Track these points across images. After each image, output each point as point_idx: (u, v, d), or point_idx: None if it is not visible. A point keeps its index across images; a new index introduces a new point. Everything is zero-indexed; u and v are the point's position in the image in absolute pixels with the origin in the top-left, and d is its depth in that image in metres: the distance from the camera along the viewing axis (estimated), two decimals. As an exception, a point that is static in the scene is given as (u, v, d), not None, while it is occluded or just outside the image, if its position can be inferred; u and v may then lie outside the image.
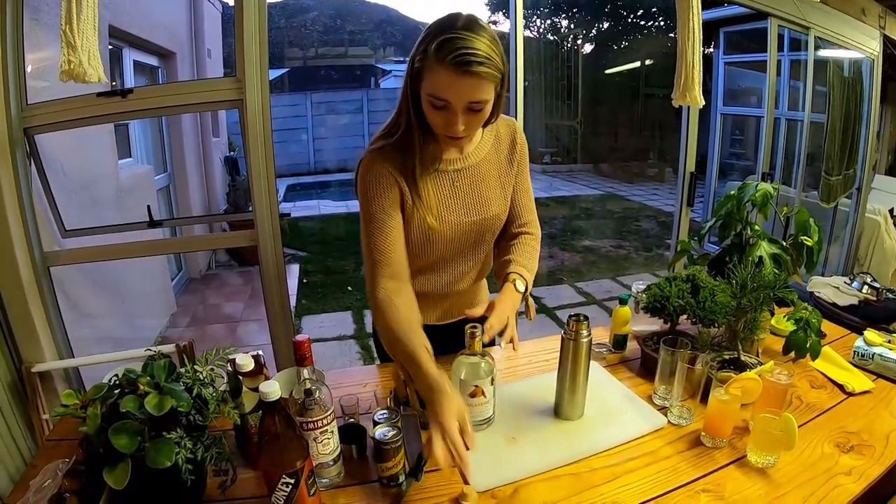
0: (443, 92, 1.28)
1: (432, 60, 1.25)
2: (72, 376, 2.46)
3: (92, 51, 1.84)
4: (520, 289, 1.55)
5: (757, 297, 1.51)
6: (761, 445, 1.31)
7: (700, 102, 2.90)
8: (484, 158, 1.59)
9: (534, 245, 1.70)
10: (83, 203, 3.32)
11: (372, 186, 1.46)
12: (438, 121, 1.35)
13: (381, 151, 1.48)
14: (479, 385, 1.38)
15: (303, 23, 16.76)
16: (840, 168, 4.81)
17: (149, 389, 1.06)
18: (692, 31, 2.80)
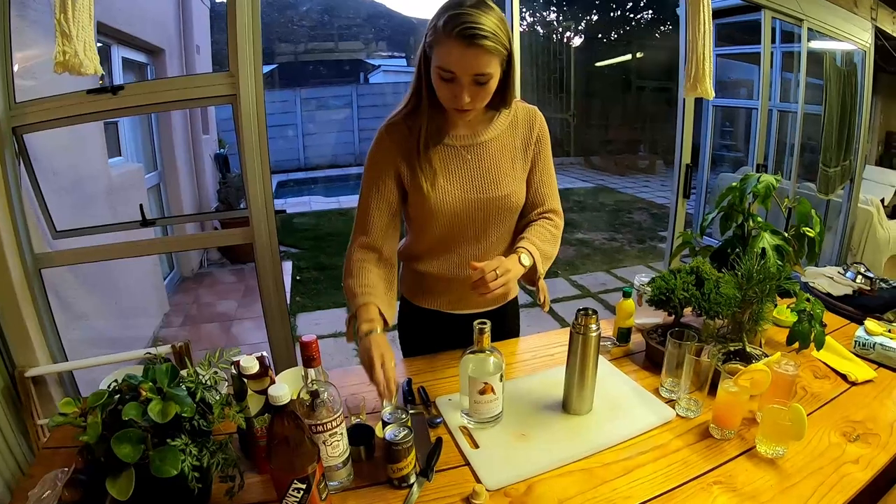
0: (449, 64, 1.35)
1: (440, 34, 1.33)
2: (66, 380, 2.43)
3: (88, 41, 1.80)
4: (524, 262, 1.54)
5: (763, 289, 1.50)
6: (770, 436, 1.31)
7: (711, 94, 2.90)
8: (495, 138, 1.62)
9: (551, 230, 1.69)
10: (74, 203, 3.29)
11: (372, 158, 1.58)
12: (446, 93, 1.41)
13: (391, 125, 1.57)
14: (488, 382, 1.37)
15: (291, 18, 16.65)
16: (838, 160, 4.83)
17: (151, 395, 1.03)
18: (703, 22, 2.79)
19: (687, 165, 3.39)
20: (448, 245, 1.66)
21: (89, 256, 2.41)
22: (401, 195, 1.60)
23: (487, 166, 1.60)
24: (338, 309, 5.37)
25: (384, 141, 1.56)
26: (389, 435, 1.19)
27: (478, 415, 1.41)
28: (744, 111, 7.57)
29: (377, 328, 1.44)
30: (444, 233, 1.62)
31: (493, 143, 1.61)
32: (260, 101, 2.23)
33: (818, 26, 4.22)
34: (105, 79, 4.43)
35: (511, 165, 1.63)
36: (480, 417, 1.41)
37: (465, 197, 1.57)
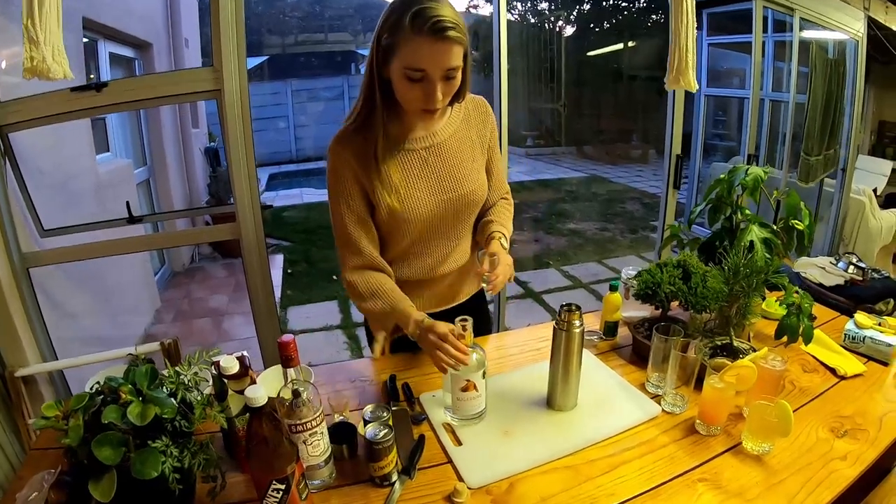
0: (421, 61, 1.30)
1: (407, 33, 1.27)
2: (56, 379, 2.41)
3: (56, 45, 1.78)
4: (505, 245, 1.61)
5: (750, 283, 1.49)
6: (757, 433, 1.30)
7: (695, 86, 2.88)
8: (453, 134, 1.60)
9: (509, 208, 1.79)
10: (61, 201, 3.25)
11: (333, 175, 1.52)
12: (416, 94, 1.36)
13: (343, 139, 1.51)
14: (470, 379, 1.36)
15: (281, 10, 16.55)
16: (820, 148, 4.83)
17: (131, 398, 1.02)
18: (685, 13, 2.76)
19: (677, 156, 3.38)
20: (420, 248, 1.65)
21: (77, 255, 2.39)
22: (369, 207, 1.56)
23: (450, 165, 1.58)
24: (329, 302, 5.37)
25: (340, 156, 1.50)
26: (370, 434, 1.18)
27: (461, 412, 1.41)
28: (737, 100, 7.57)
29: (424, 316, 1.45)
30: (416, 237, 1.61)
31: (451, 140, 1.60)
32: (244, 96, 2.21)
33: (810, 15, 4.22)
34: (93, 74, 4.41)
35: (472, 159, 1.63)
36: (463, 414, 1.41)
37: (432, 199, 1.56)
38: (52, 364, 2.30)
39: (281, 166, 13.66)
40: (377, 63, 1.38)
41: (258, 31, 15.75)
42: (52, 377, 2.38)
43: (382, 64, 1.37)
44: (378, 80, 1.40)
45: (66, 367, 2.35)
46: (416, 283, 1.69)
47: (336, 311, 5.17)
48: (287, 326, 4.80)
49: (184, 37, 6.18)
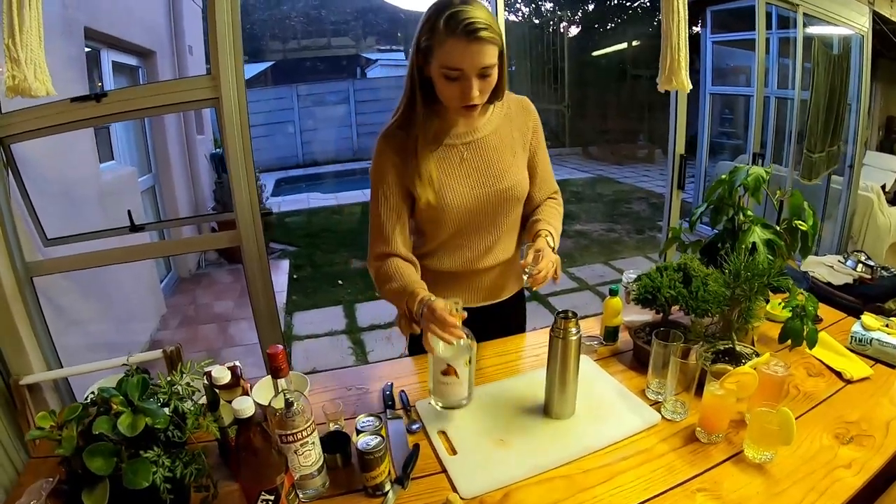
0: (456, 61, 1.38)
1: (442, 35, 1.36)
2: (61, 387, 2.41)
3: (39, 63, 1.77)
4: (551, 244, 1.61)
5: (751, 287, 1.47)
6: (758, 441, 1.28)
7: (687, 87, 2.83)
8: (494, 131, 1.66)
9: (557, 208, 1.80)
10: (65, 209, 3.27)
11: (376, 170, 1.60)
12: (454, 92, 1.44)
13: (387, 135, 1.59)
14: (451, 364, 1.36)
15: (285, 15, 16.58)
16: (823, 145, 4.78)
17: (122, 409, 1.03)
18: (677, 11, 2.72)
19: (681, 156, 3.35)
20: (459, 241, 1.69)
21: (81, 263, 2.40)
22: (409, 201, 1.62)
23: (489, 160, 1.63)
24: (334, 307, 5.36)
25: (384, 151, 1.58)
26: (361, 444, 1.17)
27: (441, 397, 1.42)
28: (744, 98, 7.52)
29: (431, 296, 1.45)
30: (455, 230, 1.65)
31: (491, 137, 1.65)
32: (242, 103, 2.20)
33: (814, 11, 4.17)
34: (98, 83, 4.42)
35: (512, 157, 1.67)
36: (444, 400, 1.42)
37: (471, 193, 1.60)
38: (57, 372, 2.31)
39: (288, 171, 13.64)
40: (418, 64, 1.47)
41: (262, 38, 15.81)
42: (56, 385, 2.38)
43: (423, 64, 1.46)
44: (419, 79, 1.49)
45: (70, 375, 2.35)
46: (457, 275, 1.73)
47: (341, 315, 5.16)
48: (292, 332, 4.80)
49: (187, 44, 6.20)
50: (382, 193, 1.59)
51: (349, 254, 6.88)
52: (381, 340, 4.61)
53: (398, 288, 1.52)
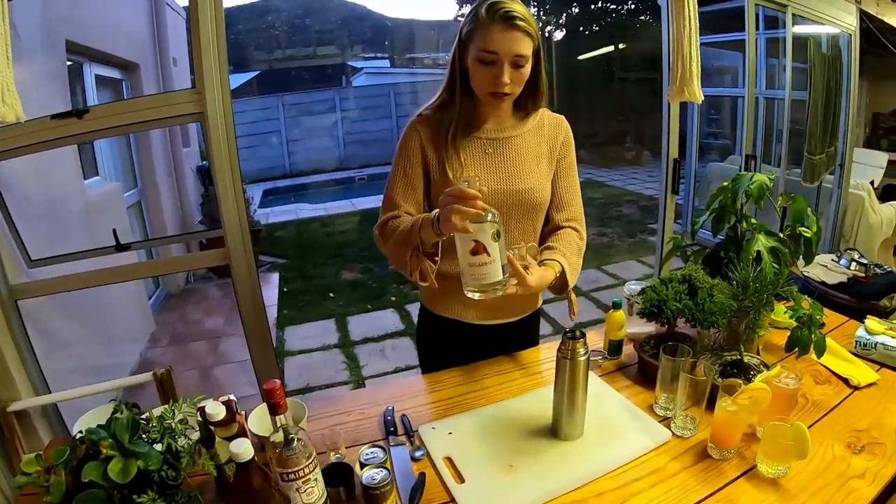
0: (492, 44, 1.45)
1: (482, 20, 1.45)
2: (50, 412, 2.34)
3: (7, 86, 1.70)
4: (558, 276, 1.58)
5: (760, 298, 1.43)
6: (772, 455, 1.25)
7: (700, 97, 2.77)
8: (521, 135, 1.69)
9: (577, 241, 1.74)
10: (50, 228, 3.21)
11: (402, 146, 1.66)
12: (486, 76, 1.50)
13: (421, 118, 1.66)
14: (479, 240, 1.31)
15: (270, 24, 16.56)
16: (823, 146, 4.79)
17: (112, 452, 0.97)
18: (688, 18, 2.65)
19: (675, 160, 3.32)
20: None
21: (66, 285, 2.33)
22: (426, 185, 1.68)
23: (512, 160, 1.66)
24: (326, 321, 5.30)
25: (415, 130, 1.64)
26: (366, 479, 1.12)
27: (473, 281, 1.35)
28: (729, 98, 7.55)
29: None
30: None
31: (518, 139, 1.68)
32: (228, 117, 2.15)
33: (802, 11, 4.17)
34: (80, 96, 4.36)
35: (536, 163, 1.69)
36: (476, 285, 1.35)
37: (490, 187, 1.60)
38: (45, 398, 2.24)
39: (275, 182, 13.57)
40: (459, 53, 1.56)
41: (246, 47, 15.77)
42: (45, 410, 2.31)
43: (463, 53, 1.54)
44: (459, 69, 1.57)
45: (59, 401, 2.29)
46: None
47: (333, 329, 5.10)
48: (284, 347, 4.74)
49: (171, 56, 6.12)
50: (402, 168, 1.64)
51: (340, 265, 6.83)
52: (374, 354, 4.55)
53: (405, 228, 1.53)
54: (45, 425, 2.29)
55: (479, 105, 1.63)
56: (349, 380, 4.15)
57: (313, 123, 14.65)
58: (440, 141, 1.62)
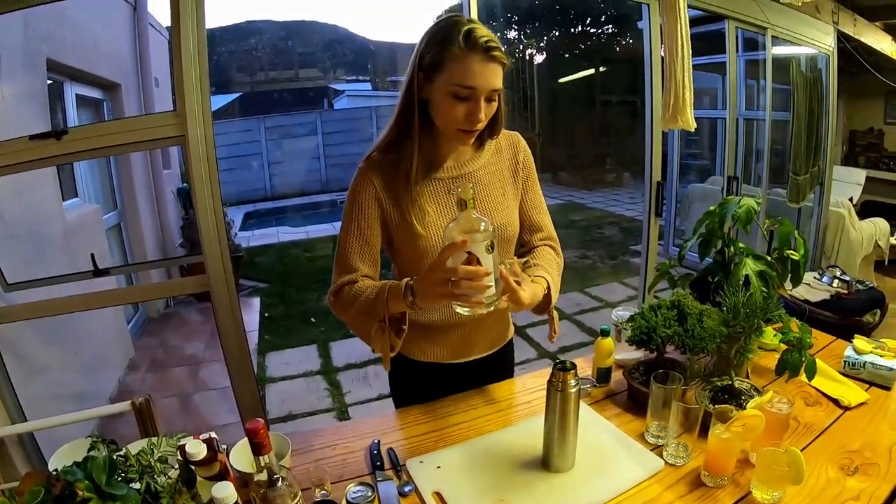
0: (471, 79, 1.32)
1: (458, 51, 1.31)
2: (26, 441, 2.29)
3: None
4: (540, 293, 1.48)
5: (750, 324, 1.42)
6: (767, 481, 1.23)
7: (693, 125, 2.75)
8: (482, 167, 1.58)
9: (557, 259, 1.67)
10: (27, 251, 3.16)
11: (353, 197, 1.49)
12: (459, 113, 1.36)
13: (370, 163, 1.50)
14: (472, 252, 1.21)
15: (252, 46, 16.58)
16: (807, 167, 4.84)
17: (88, 495, 0.92)
18: (681, 47, 2.65)
19: (658, 183, 3.33)
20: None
21: (43, 311, 2.29)
22: (384, 236, 1.53)
23: (479, 198, 1.53)
24: (308, 346, 5.23)
25: (367, 178, 1.48)
26: None
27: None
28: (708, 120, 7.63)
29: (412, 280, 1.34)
30: None
31: (480, 172, 1.57)
32: (210, 141, 2.12)
33: (782, 33, 4.24)
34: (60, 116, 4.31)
35: (502, 194, 1.59)
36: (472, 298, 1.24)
37: None
38: (20, 426, 2.19)
39: (256, 205, 13.48)
40: (417, 83, 1.40)
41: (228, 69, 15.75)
42: (21, 439, 2.26)
43: (423, 84, 1.39)
44: (418, 101, 1.41)
45: (35, 430, 2.23)
46: (435, 328, 1.62)
47: (316, 355, 5.04)
48: (266, 374, 4.67)
49: (153, 76, 6.07)
50: (356, 223, 1.48)
51: (321, 290, 6.73)
52: (357, 381, 4.49)
53: (368, 298, 1.41)
54: (21, 454, 2.24)
55: (439, 141, 1.50)
56: (332, 407, 4.09)
57: (295, 146, 14.59)
58: (398, 187, 1.47)
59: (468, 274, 1.19)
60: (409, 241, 1.48)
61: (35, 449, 2.32)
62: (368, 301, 1.40)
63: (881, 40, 5.69)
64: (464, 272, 1.19)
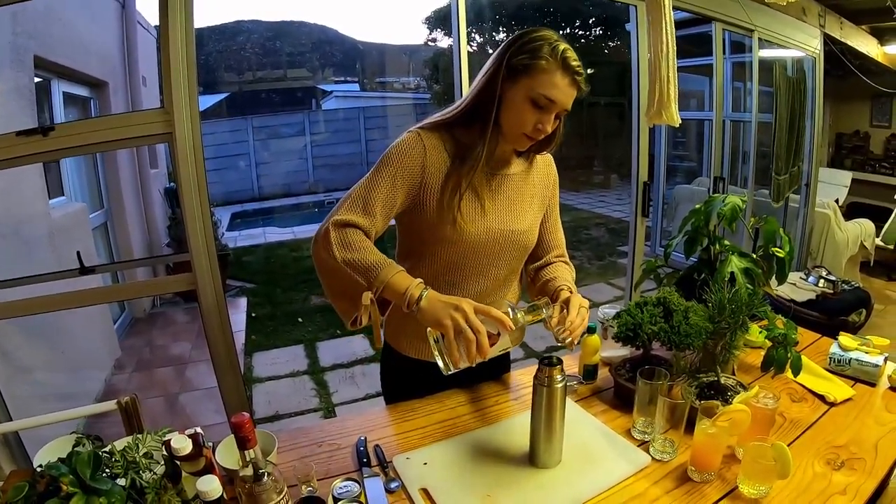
0: (556, 92, 1.38)
1: (550, 63, 1.37)
2: (11, 441, 2.27)
3: None
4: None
5: (736, 320, 1.43)
6: (753, 476, 1.23)
7: (677, 121, 2.76)
8: (518, 173, 1.61)
9: (571, 272, 1.71)
10: (12, 250, 3.15)
11: (399, 157, 1.45)
12: (531, 119, 1.41)
13: (428, 131, 1.49)
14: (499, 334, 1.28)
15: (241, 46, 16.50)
16: (787, 167, 4.88)
17: (72, 489, 0.92)
18: (665, 42, 2.65)
19: (645, 183, 3.34)
20: (450, 278, 1.56)
21: (28, 309, 2.25)
22: (406, 203, 1.49)
23: (510, 198, 1.58)
24: (295, 346, 5.21)
25: (419, 143, 1.46)
26: None
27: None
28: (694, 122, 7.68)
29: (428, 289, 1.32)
30: (451, 262, 1.54)
31: (516, 177, 1.60)
32: (197, 139, 2.11)
33: (769, 36, 4.26)
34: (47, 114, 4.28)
35: (530, 203, 1.63)
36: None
37: (487, 227, 1.52)
38: (5, 426, 2.16)
39: (243, 205, 13.41)
40: (502, 79, 1.41)
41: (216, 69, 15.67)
42: (6, 439, 2.24)
43: (504, 81, 1.41)
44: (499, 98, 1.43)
45: (20, 429, 2.20)
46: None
47: (303, 355, 5.02)
48: (252, 374, 4.65)
49: (141, 74, 6.03)
50: (391, 176, 1.43)
51: (308, 290, 6.72)
52: (345, 380, 4.47)
53: (367, 263, 1.34)
54: (6, 454, 2.22)
55: (500, 140, 1.51)
56: (319, 407, 4.08)
57: (282, 146, 14.53)
58: (449, 170, 1.47)
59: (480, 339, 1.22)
60: (438, 221, 1.48)
61: (20, 449, 2.29)
62: (365, 266, 1.34)
63: (867, 43, 5.73)
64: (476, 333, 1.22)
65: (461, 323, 1.22)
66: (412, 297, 1.29)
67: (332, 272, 1.41)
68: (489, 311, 1.24)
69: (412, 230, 1.55)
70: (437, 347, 1.27)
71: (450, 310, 1.24)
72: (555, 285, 1.59)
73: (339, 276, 1.39)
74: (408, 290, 1.30)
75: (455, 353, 1.22)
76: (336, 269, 1.37)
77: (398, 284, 1.32)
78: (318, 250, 1.41)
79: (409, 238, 1.58)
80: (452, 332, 1.23)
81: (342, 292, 1.44)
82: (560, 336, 1.39)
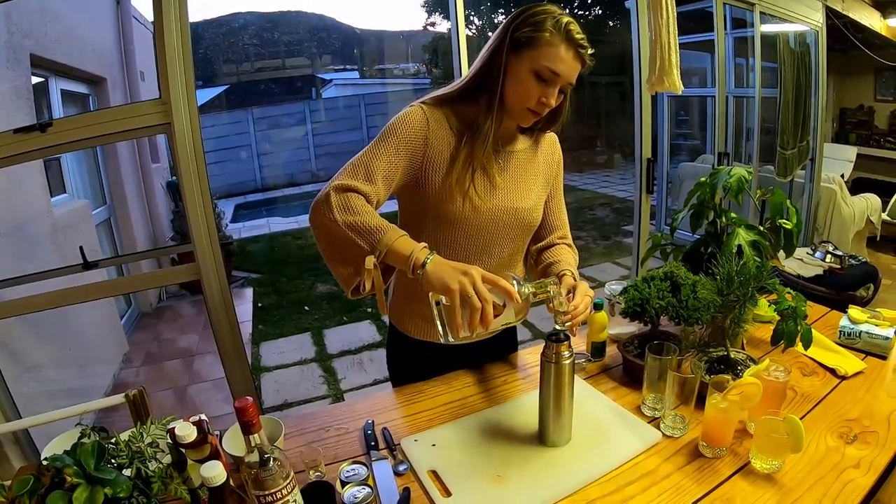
0: (559, 64, 1.37)
1: (554, 36, 1.35)
2: (21, 438, 2.27)
3: None
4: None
5: (745, 292, 1.41)
6: (766, 450, 1.22)
7: (679, 88, 2.75)
8: (523, 151, 1.60)
9: (574, 255, 1.69)
10: (16, 248, 3.15)
11: (403, 128, 1.43)
12: (534, 92, 1.40)
13: (432, 107, 1.48)
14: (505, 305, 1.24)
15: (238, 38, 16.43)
16: (794, 141, 4.84)
17: (77, 480, 0.91)
18: (665, 8, 2.64)
19: (648, 160, 3.31)
20: (452, 257, 1.46)
21: (33, 306, 2.24)
22: (406, 178, 1.46)
23: (516, 176, 1.57)
24: (302, 335, 5.22)
25: (422, 116, 1.44)
26: (348, 497, 1.06)
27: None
28: (697, 99, 7.62)
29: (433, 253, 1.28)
30: (453, 239, 1.52)
31: (519, 154, 1.59)
32: (195, 128, 2.09)
33: (770, 9, 4.22)
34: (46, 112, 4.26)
35: (534, 181, 1.62)
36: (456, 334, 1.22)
37: (492, 205, 1.50)
38: (15, 424, 2.14)
39: (247, 196, 13.42)
40: (506, 53, 1.40)
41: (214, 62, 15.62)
42: (16, 436, 2.24)
43: (508, 54, 1.40)
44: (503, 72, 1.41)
45: (29, 426, 2.19)
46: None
47: (310, 343, 5.03)
48: (260, 363, 4.66)
49: (139, 69, 6.00)
50: (395, 146, 1.41)
51: (314, 278, 6.72)
52: (352, 367, 4.48)
53: (368, 225, 1.29)
54: (16, 451, 2.22)
55: (504, 116, 1.48)
56: (328, 394, 4.08)
57: (283, 136, 14.49)
58: (457, 145, 1.45)
59: (486, 308, 1.18)
60: (443, 198, 1.46)
61: (30, 446, 2.30)
62: (366, 228, 1.29)
63: (870, 16, 5.68)
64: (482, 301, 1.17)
65: (468, 289, 1.17)
66: (417, 260, 1.25)
67: (333, 237, 1.36)
68: (497, 281, 1.21)
69: (412, 212, 1.54)
70: (438, 313, 1.23)
71: (458, 274, 1.20)
72: (557, 269, 1.58)
73: (340, 242, 1.34)
74: (413, 254, 1.25)
75: (458, 320, 1.18)
76: (336, 234, 1.32)
77: (402, 247, 1.27)
78: (318, 215, 1.35)
79: (409, 219, 1.56)
80: (458, 298, 1.18)
81: (343, 258, 1.38)
82: (561, 320, 1.36)
